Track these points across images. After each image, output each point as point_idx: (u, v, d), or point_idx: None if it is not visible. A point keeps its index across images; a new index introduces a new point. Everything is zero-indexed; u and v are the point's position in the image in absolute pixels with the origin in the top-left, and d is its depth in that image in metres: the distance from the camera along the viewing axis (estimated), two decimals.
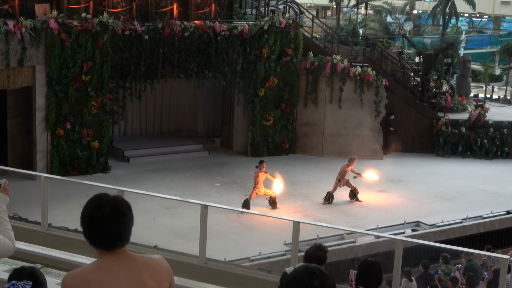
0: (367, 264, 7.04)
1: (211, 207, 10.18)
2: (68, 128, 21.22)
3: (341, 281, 14.38)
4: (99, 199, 3.72)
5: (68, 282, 3.69)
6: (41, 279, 4.46)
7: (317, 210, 19.55)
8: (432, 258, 16.10)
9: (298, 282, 3.03)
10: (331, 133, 26.13)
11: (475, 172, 25.18)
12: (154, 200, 17.70)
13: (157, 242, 12.32)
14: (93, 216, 3.66)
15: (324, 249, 7.38)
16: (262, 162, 19.31)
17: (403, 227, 18.68)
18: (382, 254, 16.13)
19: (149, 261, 3.82)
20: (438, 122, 27.31)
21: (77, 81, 21.17)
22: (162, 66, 23.12)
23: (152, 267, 3.79)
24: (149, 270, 3.77)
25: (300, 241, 10.02)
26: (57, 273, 8.43)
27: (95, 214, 3.65)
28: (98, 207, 3.66)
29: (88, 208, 3.71)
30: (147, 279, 3.73)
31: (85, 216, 3.70)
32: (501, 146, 27.70)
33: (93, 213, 3.66)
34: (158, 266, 3.83)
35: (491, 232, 19.73)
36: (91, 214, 3.67)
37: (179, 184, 21.32)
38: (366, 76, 25.67)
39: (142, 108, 26.57)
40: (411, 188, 22.53)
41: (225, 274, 9.76)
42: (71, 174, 21.25)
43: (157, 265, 3.83)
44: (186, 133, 27.65)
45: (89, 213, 3.68)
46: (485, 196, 22.07)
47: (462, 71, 31.40)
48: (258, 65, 24.93)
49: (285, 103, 25.72)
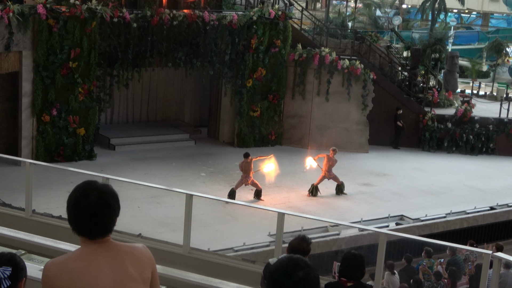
0: (350, 257, 7.07)
1: (196, 197, 10.17)
2: (54, 114, 21.12)
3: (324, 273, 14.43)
4: (87, 186, 3.68)
5: (49, 271, 3.65)
6: (21, 265, 4.43)
7: (302, 202, 19.58)
8: (415, 252, 16.17)
9: (281, 273, 3.03)
10: (318, 125, 26.16)
11: (460, 168, 25.30)
12: (139, 188, 17.65)
13: (141, 231, 12.32)
14: (78, 203, 3.62)
15: (308, 240, 7.39)
16: (246, 156, 19.24)
17: (387, 221, 18.75)
18: (366, 247, 16.20)
19: (132, 250, 3.80)
20: (425, 117, 27.40)
21: (64, 67, 21.06)
22: (150, 55, 23.05)
23: (135, 256, 3.77)
24: (132, 259, 3.75)
25: (285, 232, 10.03)
26: (40, 260, 8.40)
27: (80, 202, 3.62)
28: (84, 195, 3.63)
29: (74, 194, 3.67)
30: (130, 268, 3.71)
31: (71, 202, 3.66)
32: (486, 142, 27.84)
33: (78, 200, 3.63)
34: (141, 255, 3.81)
35: (475, 228, 19.84)
36: (76, 201, 3.63)
37: (165, 173, 21.29)
38: (354, 69, 25.70)
39: (129, 96, 26.48)
40: (396, 182, 22.61)
41: (209, 264, 9.77)
42: (56, 160, 21.16)
43: (140, 254, 3.82)
44: (172, 123, 27.59)
45: (75, 200, 3.64)
46: (469, 191, 22.19)
47: (450, 66, 31.50)
48: (247, 56, 24.91)
49: (272, 94, 25.72)
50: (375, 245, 9.64)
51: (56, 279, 3.61)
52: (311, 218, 14.73)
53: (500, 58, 42.24)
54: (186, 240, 9.90)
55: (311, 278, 3.03)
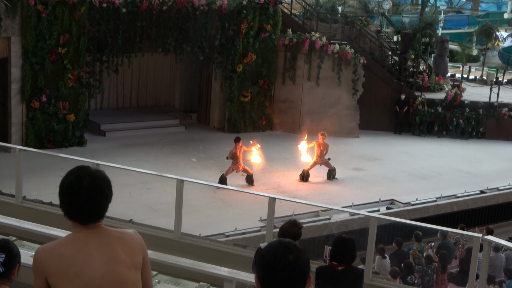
0: (341, 241, 7.09)
1: (187, 182, 10.17)
2: (44, 100, 21.03)
3: (315, 257, 14.51)
4: (79, 171, 3.67)
5: (40, 257, 3.64)
6: (15, 252, 4.43)
7: (293, 187, 19.61)
8: (405, 236, 16.23)
9: (272, 256, 3.03)
10: (308, 110, 26.15)
11: (450, 152, 25.38)
12: (130, 174, 17.60)
13: (132, 216, 12.34)
14: (70, 188, 3.61)
15: (299, 225, 7.40)
16: (237, 140, 19.18)
17: (378, 205, 18.79)
18: (357, 231, 16.25)
19: (123, 235, 3.80)
20: (415, 101, 27.44)
21: (53, 53, 20.96)
22: (140, 40, 22.95)
23: (126, 242, 3.77)
24: (123, 245, 3.75)
25: (276, 217, 10.05)
26: (31, 246, 8.40)
27: (72, 187, 3.61)
28: (77, 179, 3.62)
29: (67, 179, 3.66)
30: (121, 254, 3.71)
31: (63, 187, 3.65)
32: (476, 126, 27.93)
33: (70, 185, 3.62)
34: (132, 241, 3.81)
35: (465, 211, 19.92)
36: (69, 185, 3.62)
37: (156, 159, 21.27)
38: (344, 54, 25.69)
39: (119, 82, 26.40)
40: (386, 166, 22.66)
41: (200, 249, 9.79)
42: (46, 147, 21.09)
43: (131, 239, 3.81)
44: (163, 108, 27.55)
45: (67, 185, 3.63)
46: (459, 175, 22.27)
47: (440, 51, 31.51)
48: (237, 41, 24.84)
49: (263, 79, 25.69)
50: (366, 229, 9.67)
51: (46, 265, 3.60)
52: (302, 203, 14.75)
53: (490, 42, 42.27)
54: (177, 225, 9.91)
55: (301, 261, 3.03)
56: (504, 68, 38.21)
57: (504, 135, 27.80)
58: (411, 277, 14.07)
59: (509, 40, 45.99)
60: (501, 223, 20.56)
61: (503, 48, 45.98)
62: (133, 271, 3.75)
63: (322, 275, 7.03)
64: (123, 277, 3.69)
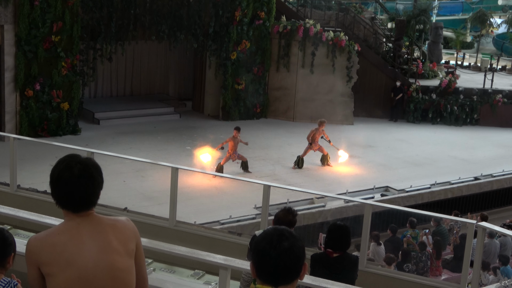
0: (336, 228, 7.12)
1: (181, 170, 10.17)
2: (38, 89, 20.97)
3: (310, 245, 14.53)
4: (70, 159, 3.67)
5: (32, 246, 3.62)
6: (10, 240, 4.44)
7: (288, 175, 19.62)
8: (400, 223, 16.27)
9: (267, 243, 3.04)
10: (302, 98, 26.15)
11: (445, 139, 25.42)
12: (124, 162, 17.62)
13: (127, 205, 12.34)
14: (61, 176, 3.61)
15: (293, 212, 7.42)
16: (235, 129, 19.14)
17: (373, 192, 18.80)
18: (351, 218, 16.29)
19: (116, 223, 3.79)
20: (409, 88, 27.46)
21: (47, 41, 20.87)
22: (133, 28, 22.88)
23: (118, 229, 3.77)
24: (116, 232, 3.74)
25: (270, 205, 10.07)
26: (26, 235, 8.41)
27: (63, 174, 3.61)
28: (67, 167, 3.62)
29: (57, 167, 3.66)
30: (114, 241, 3.70)
31: (54, 175, 3.65)
32: (470, 113, 27.97)
33: (61, 173, 3.62)
34: (124, 228, 3.81)
35: (459, 198, 19.97)
36: (60, 173, 3.62)
37: (150, 147, 21.25)
38: (339, 41, 25.66)
39: (112, 70, 26.34)
40: (381, 153, 22.69)
41: (195, 236, 9.80)
42: (40, 135, 21.04)
43: (123, 227, 3.81)
44: (157, 96, 27.51)
45: (58, 173, 3.63)
46: (453, 162, 22.31)
47: (434, 37, 31.52)
48: (231, 28, 24.79)
49: (257, 67, 25.67)
50: (361, 216, 9.70)
51: (39, 254, 3.59)
52: (296, 190, 14.76)
53: (484, 28, 42.27)
54: (172, 213, 9.91)
55: (296, 248, 3.04)
56: (498, 54, 38.26)
57: (498, 122, 27.87)
58: (407, 265, 14.11)
59: (503, 27, 45.99)
60: (495, 210, 20.62)
61: (497, 35, 46.03)
62: (127, 258, 3.74)
63: (317, 262, 7.05)
64: (117, 265, 3.69)
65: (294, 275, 3.08)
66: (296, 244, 3.05)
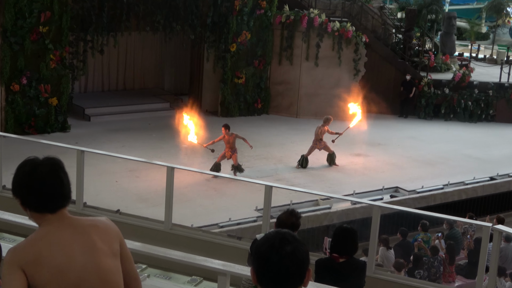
0: (342, 231, 7.12)
1: (178, 170, 10.18)
2: (24, 83, 20.98)
3: (315, 249, 14.54)
4: (31, 161, 3.71)
5: (13, 258, 3.56)
6: None
7: (291, 174, 19.63)
8: (411, 225, 16.27)
9: (268, 248, 3.04)
10: (306, 92, 26.15)
11: (458, 136, 25.41)
12: (117, 161, 17.62)
13: (119, 207, 12.33)
14: (31, 177, 3.62)
15: (297, 215, 7.43)
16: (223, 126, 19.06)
17: (381, 193, 18.81)
18: (359, 221, 16.29)
19: (96, 223, 3.81)
20: (420, 82, 27.45)
21: (34, 32, 20.88)
22: (126, 18, 22.87)
23: (100, 229, 3.78)
24: (99, 233, 3.75)
25: (272, 206, 10.08)
26: (12, 238, 8.42)
27: (32, 175, 3.62)
28: (34, 167, 3.65)
29: (21, 171, 3.67)
30: (98, 242, 3.71)
31: (22, 180, 3.66)
32: (485, 109, 27.96)
33: (30, 175, 3.63)
34: (107, 228, 3.82)
35: (474, 199, 19.96)
36: (29, 176, 3.63)
37: (144, 145, 21.25)
38: (345, 32, 25.65)
39: (104, 63, 26.33)
40: (390, 152, 22.68)
41: (193, 240, 9.81)
42: (27, 133, 21.06)
43: (105, 227, 3.82)
44: (151, 91, 27.51)
45: (26, 176, 3.64)
46: (468, 161, 22.30)
47: (447, 28, 31.49)
48: (230, 19, 24.77)
49: (258, 59, 25.66)
50: (369, 219, 9.70)
51: (21, 265, 3.54)
52: (300, 191, 14.77)
53: (500, 18, 42.19)
54: (168, 216, 9.92)
55: (299, 253, 3.04)
56: None
57: None
58: (419, 271, 14.11)
59: None
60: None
61: None
62: (113, 259, 3.76)
63: (322, 268, 7.05)
64: (104, 266, 3.70)
65: (298, 282, 3.07)
66: (299, 248, 3.05)
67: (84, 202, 10.65)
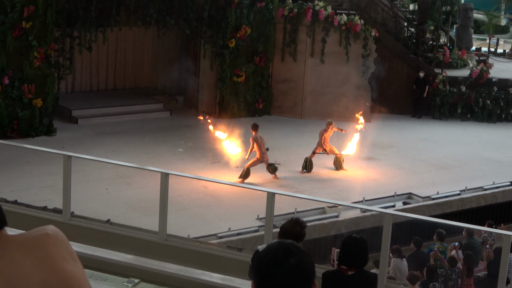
0: (351, 241, 7.11)
1: (173, 176, 10.18)
2: (6, 83, 21.00)
3: (321, 261, 14.55)
4: None
5: None
6: None
7: (295, 180, 19.63)
8: (425, 235, 16.28)
9: (271, 260, 3.03)
10: (312, 91, 26.16)
11: (476, 137, 25.41)
12: (107, 167, 17.64)
13: (110, 216, 12.33)
14: None
15: (302, 224, 7.43)
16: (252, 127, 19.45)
17: (393, 200, 18.83)
18: (369, 230, 16.30)
19: (45, 231, 3.68)
20: (435, 80, 27.46)
21: (17, 28, 20.90)
22: (116, 12, 22.91)
23: (52, 237, 3.67)
24: (52, 240, 3.67)
25: (275, 215, 10.07)
26: None
27: None
28: None
29: None
30: (54, 251, 3.67)
31: None
32: (505, 108, 27.98)
33: None
34: (57, 234, 3.71)
35: (493, 206, 19.97)
36: None
37: (136, 149, 21.27)
38: (353, 25, 25.67)
39: (92, 60, 26.34)
40: (403, 155, 22.69)
41: (189, 252, 9.80)
42: (10, 137, 21.06)
43: (55, 233, 3.71)
44: (144, 91, 27.53)
45: None
46: (486, 164, 22.30)
47: (463, 21, 31.51)
48: (228, 12, 24.80)
49: (259, 56, 25.68)
50: (380, 228, 9.69)
51: None
52: (305, 198, 14.79)
53: None
54: (162, 225, 9.91)
55: (305, 265, 3.03)
56: None
57: None
58: (434, 284, 14.10)
59: None
60: None
61: None
62: (75, 263, 3.75)
63: (330, 281, 7.05)
64: (67, 274, 3.68)
65: None
66: (304, 260, 3.04)
67: (71, 212, 10.64)
